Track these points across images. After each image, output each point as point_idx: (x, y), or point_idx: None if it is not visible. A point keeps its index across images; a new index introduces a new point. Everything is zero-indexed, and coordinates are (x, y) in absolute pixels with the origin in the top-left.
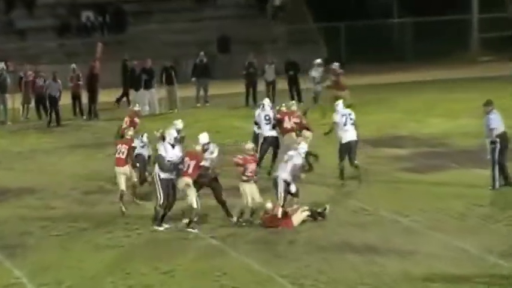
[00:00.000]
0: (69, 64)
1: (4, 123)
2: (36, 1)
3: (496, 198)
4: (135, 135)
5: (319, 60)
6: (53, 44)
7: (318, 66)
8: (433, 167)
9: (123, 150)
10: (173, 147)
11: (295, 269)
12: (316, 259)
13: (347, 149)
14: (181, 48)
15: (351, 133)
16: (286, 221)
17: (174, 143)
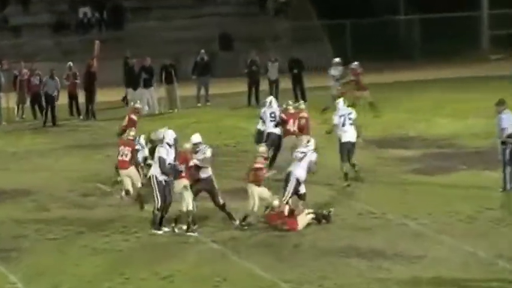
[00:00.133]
0: (65, 62)
1: None
2: None
3: (506, 200)
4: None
5: (338, 59)
6: (48, 41)
7: (337, 64)
8: (441, 168)
9: (126, 153)
10: (170, 147)
11: (299, 274)
12: (321, 264)
13: (346, 149)
14: (182, 45)
15: (349, 133)
16: (292, 221)
17: (174, 143)
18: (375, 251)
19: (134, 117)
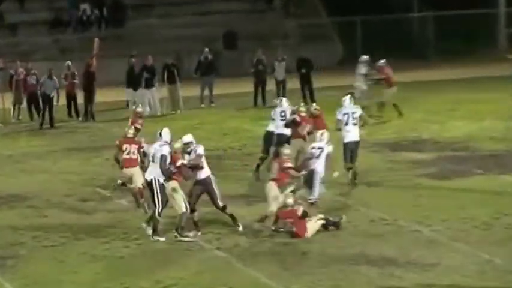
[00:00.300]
0: (63, 61)
1: None
2: None
3: None
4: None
5: (365, 57)
6: (46, 39)
7: (364, 62)
8: (456, 172)
9: (132, 151)
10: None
11: (307, 283)
12: (330, 272)
13: (349, 150)
14: (184, 44)
15: (352, 133)
16: (301, 226)
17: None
18: (387, 258)
19: (139, 126)
